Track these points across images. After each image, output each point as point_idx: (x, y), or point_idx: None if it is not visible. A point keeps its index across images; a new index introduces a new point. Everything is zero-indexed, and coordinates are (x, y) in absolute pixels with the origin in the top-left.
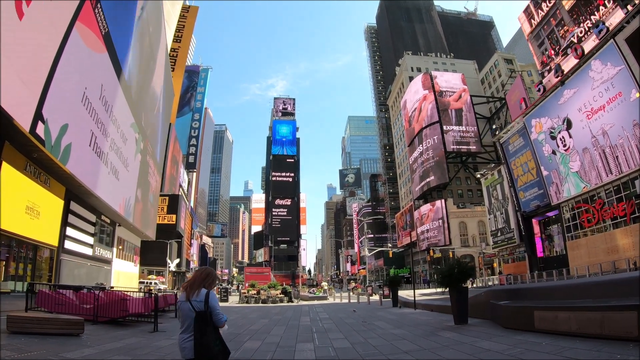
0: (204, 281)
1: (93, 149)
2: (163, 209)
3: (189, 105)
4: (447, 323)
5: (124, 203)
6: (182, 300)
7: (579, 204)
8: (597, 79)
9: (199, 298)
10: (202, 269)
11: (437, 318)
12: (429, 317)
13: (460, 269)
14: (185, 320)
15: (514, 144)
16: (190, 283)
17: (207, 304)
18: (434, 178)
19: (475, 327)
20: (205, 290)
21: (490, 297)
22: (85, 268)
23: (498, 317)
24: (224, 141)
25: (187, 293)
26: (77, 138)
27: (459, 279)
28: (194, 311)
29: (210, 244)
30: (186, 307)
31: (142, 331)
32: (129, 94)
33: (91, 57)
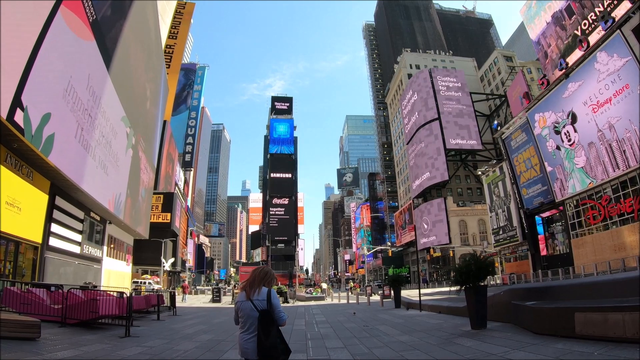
0: (263, 280)
1: (79, 140)
2: (157, 208)
3: (185, 104)
4: (463, 328)
5: (113, 199)
6: (242, 300)
7: (584, 201)
8: (603, 71)
9: (260, 297)
10: (260, 268)
11: (450, 322)
12: (440, 320)
13: (479, 265)
14: (247, 320)
15: (517, 139)
16: (250, 282)
17: (269, 302)
18: (433, 176)
19: (498, 333)
20: (266, 289)
21: (511, 297)
22: (72, 267)
23: (525, 321)
24: (221, 141)
25: (247, 292)
26: (61, 128)
27: (477, 277)
28: (257, 310)
29: (207, 243)
30: (248, 306)
31: (112, 336)
32: (119, 86)
33: (78, 44)
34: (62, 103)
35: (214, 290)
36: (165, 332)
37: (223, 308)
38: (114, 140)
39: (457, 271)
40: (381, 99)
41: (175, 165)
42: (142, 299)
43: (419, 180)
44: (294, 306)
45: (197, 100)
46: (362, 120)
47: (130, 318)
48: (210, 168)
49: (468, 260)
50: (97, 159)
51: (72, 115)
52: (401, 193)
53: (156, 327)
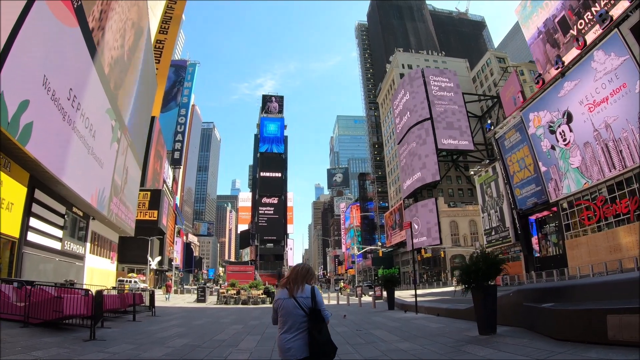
0: (305, 277)
1: (60, 131)
2: (144, 205)
3: (175, 101)
4: (469, 333)
5: (97, 194)
6: (284, 298)
7: (578, 201)
8: (600, 70)
9: (304, 294)
10: (300, 265)
11: (452, 326)
12: (440, 323)
13: (488, 262)
14: (288, 318)
15: (510, 139)
16: (292, 279)
17: (314, 299)
18: (425, 176)
19: (512, 339)
20: (309, 286)
21: (521, 299)
22: (52, 263)
23: (541, 325)
24: (211, 139)
25: (290, 289)
26: (40, 117)
27: (486, 276)
28: (301, 308)
29: (196, 242)
30: (291, 304)
31: (74, 339)
32: (104, 76)
33: (60, 30)
34: (42, 91)
35: (199, 289)
36: (137, 335)
37: (207, 308)
38: (98, 133)
39: (464, 270)
40: (372, 99)
41: (164, 162)
42: (116, 298)
43: (410, 180)
44: None
45: (187, 98)
46: (352, 120)
47: (99, 318)
48: (200, 167)
49: (476, 257)
50: (80, 151)
51: (53, 104)
52: (392, 193)
53: (129, 329)
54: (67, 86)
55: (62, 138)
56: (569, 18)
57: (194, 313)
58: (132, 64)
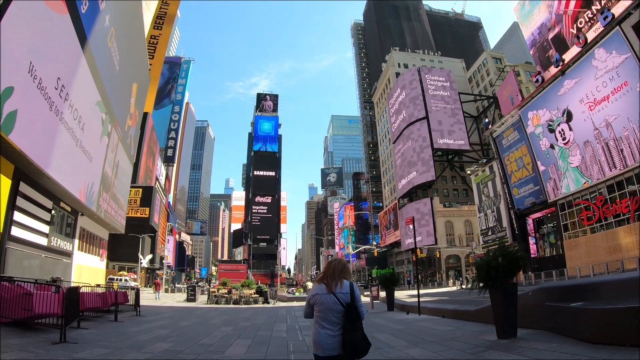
0: (342, 272)
1: (46, 121)
2: (136, 202)
3: (169, 98)
4: (485, 337)
5: (85, 189)
6: (322, 293)
7: (577, 201)
8: (601, 68)
9: (343, 290)
10: (336, 261)
11: (463, 328)
12: (449, 326)
13: (510, 257)
14: (327, 314)
15: (508, 138)
16: (330, 274)
17: (352, 295)
18: (420, 175)
19: (539, 343)
20: (347, 282)
21: (542, 298)
22: (38, 260)
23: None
24: (205, 137)
25: (327, 285)
26: (26, 106)
27: (507, 273)
28: (341, 304)
29: (189, 241)
30: (330, 299)
31: (43, 341)
32: (94, 68)
33: (49, 17)
34: (28, 78)
35: (189, 288)
36: (115, 337)
37: (196, 308)
38: (87, 126)
39: (482, 266)
40: (368, 98)
41: (156, 159)
42: (96, 296)
43: (405, 179)
44: (275, 307)
45: (181, 95)
46: (347, 120)
47: (74, 318)
48: (194, 165)
49: (495, 253)
50: (67, 143)
51: (39, 92)
52: (386, 193)
53: (107, 331)
54: (54, 75)
55: (49, 129)
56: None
57: (181, 313)
58: (125, 57)
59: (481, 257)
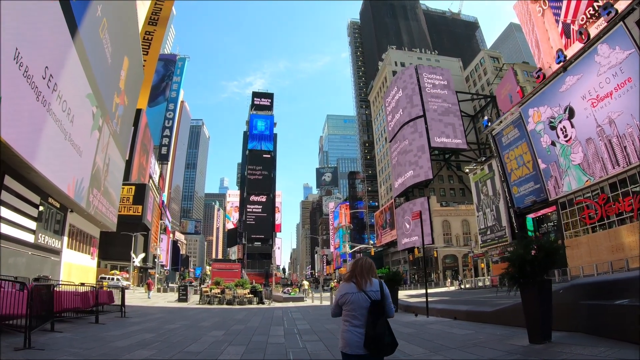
0: (369, 271)
1: (33, 111)
2: (128, 199)
3: (163, 95)
4: (514, 341)
5: (74, 184)
6: (353, 292)
7: (579, 200)
8: (604, 64)
9: (374, 287)
10: (362, 259)
11: (482, 332)
12: (465, 329)
13: (547, 250)
14: (359, 312)
15: (508, 135)
16: (359, 272)
17: (382, 292)
18: (417, 174)
19: (581, 348)
20: (377, 280)
21: (577, 296)
22: (25, 257)
23: (617, 328)
24: (200, 137)
25: (359, 283)
26: (10, 94)
27: (544, 267)
28: (371, 301)
29: (183, 240)
30: (362, 297)
31: (7, 346)
32: (85, 59)
33: (36, 1)
34: (13, 65)
35: (180, 288)
36: (90, 342)
37: (187, 309)
38: (77, 118)
39: (514, 261)
40: (364, 97)
41: (150, 156)
42: (73, 295)
43: (401, 178)
44: (270, 308)
45: (176, 92)
46: (342, 120)
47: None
48: (188, 164)
49: (528, 243)
50: (55, 136)
51: (25, 81)
52: (382, 192)
53: (84, 334)
54: (42, 63)
55: (36, 119)
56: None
57: (170, 314)
58: (118, 51)
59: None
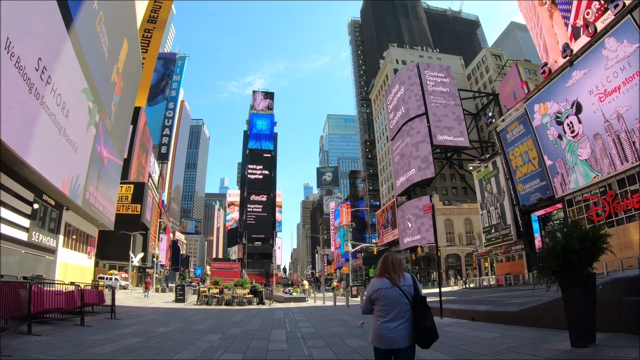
0: (401, 266)
1: (25, 104)
2: (127, 198)
3: (163, 94)
4: (550, 345)
5: (69, 181)
6: (387, 287)
7: (586, 197)
8: (612, 57)
9: (407, 282)
10: (392, 254)
11: (510, 334)
12: (489, 332)
13: (592, 239)
14: (393, 307)
15: (513, 132)
16: (391, 268)
17: (416, 287)
18: (419, 173)
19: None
20: (409, 275)
21: (620, 292)
22: (17, 256)
23: None
24: (200, 136)
25: (391, 278)
26: (1, 84)
27: (589, 259)
28: (406, 297)
29: (183, 240)
30: (396, 292)
31: None
32: (80, 52)
33: None
34: (4, 55)
35: (177, 288)
36: (67, 348)
37: (183, 310)
38: (72, 113)
39: (558, 252)
40: (364, 96)
41: (149, 155)
42: (55, 295)
43: (403, 177)
44: (271, 309)
45: (176, 91)
46: (343, 119)
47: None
48: (189, 164)
49: (570, 231)
50: (49, 130)
51: (17, 72)
52: (383, 191)
53: (63, 339)
54: (35, 55)
55: (28, 112)
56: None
57: (164, 316)
58: (115, 46)
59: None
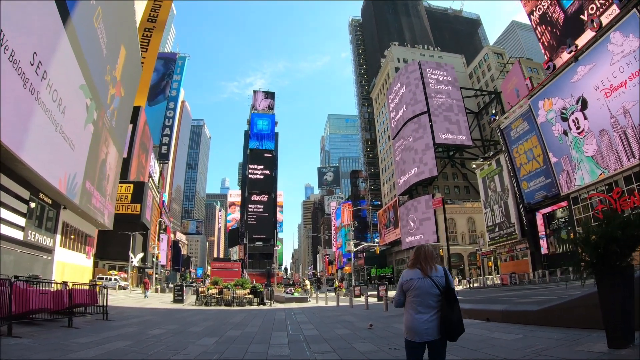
0: (433, 257)
1: (19, 99)
2: (126, 198)
3: (164, 94)
4: (583, 346)
5: (65, 179)
6: (418, 278)
7: (592, 194)
8: (617, 52)
9: (439, 274)
10: (424, 246)
11: (533, 335)
12: (512, 333)
13: (636, 226)
14: (425, 298)
15: (517, 129)
16: (423, 259)
17: (447, 279)
18: (421, 171)
19: None
20: (441, 266)
21: None
22: (12, 255)
23: None
24: (201, 137)
25: (424, 269)
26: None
27: (630, 249)
28: (438, 287)
29: (184, 241)
30: (427, 283)
31: None
32: (77, 47)
33: None
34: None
35: (176, 288)
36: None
37: (180, 310)
38: (69, 110)
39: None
40: (366, 95)
41: (150, 155)
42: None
43: (405, 176)
44: (272, 309)
45: (176, 91)
46: (344, 119)
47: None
48: (189, 164)
49: (611, 219)
50: (45, 126)
51: (11, 65)
52: (385, 191)
53: (45, 341)
54: (30, 49)
55: (22, 107)
56: None
57: (160, 317)
58: (114, 43)
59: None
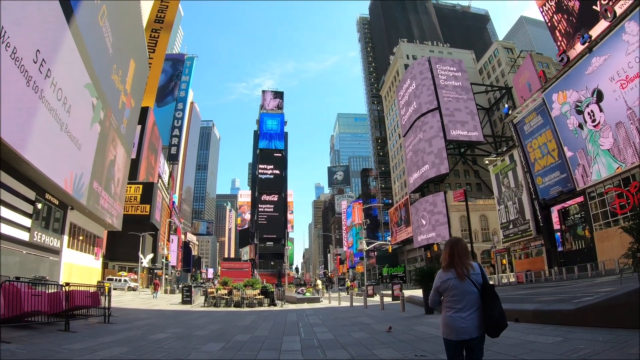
0: (467, 253)
1: (22, 97)
2: (136, 198)
3: (172, 95)
4: (636, 349)
5: (72, 179)
6: (454, 277)
7: (609, 188)
8: (633, 42)
9: (475, 271)
10: (455, 239)
11: (574, 338)
12: (549, 335)
13: None
14: (462, 297)
15: (531, 123)
16: (458, 260)
17: (483, 275)
18: (432, 168)
19: None
20: (476, 263)
21: None
22: (18, 256)
23: None
24: (210, 138)
25: (459, 274)
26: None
27: None
28: (475, 285)
29: (195, 241)
30: (465, 283)
31: None
32: (82, 46)
33: None
34: None
35: (184, 288)
36: None
37: (187, 312)
38: (75, 109)
39: None
40: (375, 92)
41: (159, 156)
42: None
43: (416, 173)
44: (283, 310)
45: (185, 92)
46: (353, 118)
47: None
48: (199, 165)
49: None
50: (49, 125)
51: (13, 63)
52: (396, 189)
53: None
54: (33, 47)
55: (26, 106)
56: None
57: (165, 319)
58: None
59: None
